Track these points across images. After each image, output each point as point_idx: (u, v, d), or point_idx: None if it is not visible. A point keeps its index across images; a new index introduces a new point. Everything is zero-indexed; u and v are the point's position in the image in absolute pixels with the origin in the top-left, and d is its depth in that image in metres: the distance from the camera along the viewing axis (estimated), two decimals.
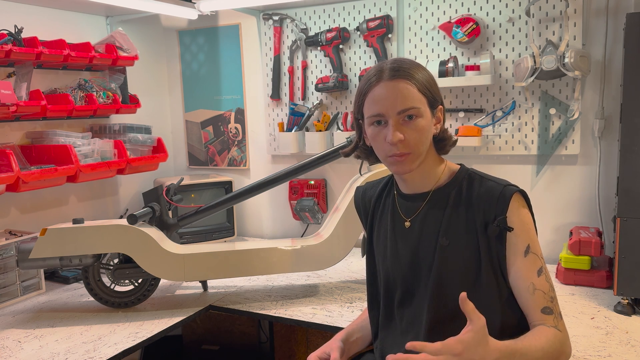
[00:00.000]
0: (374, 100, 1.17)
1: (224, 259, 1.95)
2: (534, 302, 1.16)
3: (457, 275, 1.18)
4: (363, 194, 1.43)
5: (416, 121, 1.16)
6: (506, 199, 1.16)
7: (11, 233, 2.14)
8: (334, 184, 2.68)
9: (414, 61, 1.21)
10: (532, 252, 1.17)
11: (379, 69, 1.19)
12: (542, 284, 1.16)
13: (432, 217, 1.23)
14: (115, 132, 2.49)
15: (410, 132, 1.16)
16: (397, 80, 1.15)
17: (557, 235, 2.24)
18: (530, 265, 1.16)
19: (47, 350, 1.63)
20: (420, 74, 1.18)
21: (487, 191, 1.19)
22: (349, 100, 2.54)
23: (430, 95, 1.18)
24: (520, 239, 1.16)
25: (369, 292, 1.38)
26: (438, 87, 1.22)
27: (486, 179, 1.22)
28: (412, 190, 1.27)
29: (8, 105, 1.92)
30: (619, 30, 2.02)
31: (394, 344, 1.28)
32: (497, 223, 1.16)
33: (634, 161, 1.65)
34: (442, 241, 1.20)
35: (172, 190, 2.03)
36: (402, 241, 1.27)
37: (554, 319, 1.16)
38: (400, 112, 1.15)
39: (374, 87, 1.17)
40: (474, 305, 1.01)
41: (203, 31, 2.86)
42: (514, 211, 1.16)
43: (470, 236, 1.18)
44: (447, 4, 2.29)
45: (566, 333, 1.17)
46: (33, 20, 2.30)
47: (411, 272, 1.25)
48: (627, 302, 1.71)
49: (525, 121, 2.22)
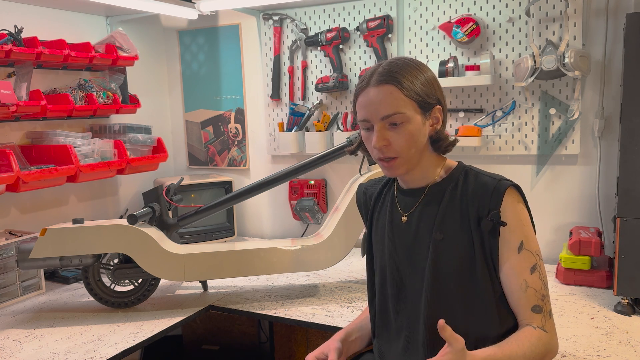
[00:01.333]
0: (361, 105, 1.20)
1: (224, 259, 1.95)
2: (526, 300, 1.16)
3: (452, 269, 1.19)
4: (365, 191, 1.44)
5: (402, 126, 1.16)
6: (500, 193, 1.16)
7: (11, 233, 2.14)
8: (334, 184, 2.68)
9: (410, 62, 1.20)
10: (526, 248, 1.16)
11: (371, 71, 1.20)
12: (535, 281, 1.16)
13: (427, 212, 1.24)
14: (115, 132, 2.49)
15: (396, 137, 1.17)
16: (382, 86, 1.16)
17: (557, 235, 2.24)
18: (524, 262, 1.16)
19: (47, 350, 1.63)
20: (412, 77, 1.16)
21: (481, 185, 1.19)
22: (348, 100, 2.54)
23: (421, 98, 1.17)
24: (514, 235, 1.16)
25: (369, 288, 1.38)
26: (436, 87, 1.21)
27: (481, 174, 1.23)
28: (409, 185, 1.29)
29: (8, 105, 1.92)
30: (619, 30, 2.02)
31: (391, 341, 1.29)
32: (491, 217, 1.16)
33: (634, 161, 1.65)
34: (437, 235, 1.20)
35: (172, 190, 2.03)
36: (399, 236, 1.28)
37: (542, 318, 1.16)
38: (384, 117, 1.16)
39: (362, 92, 1.19)
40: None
41: (203, 31, 2.86)
42: (508, 206, 1.16)
43: (465, 231, 1.19)
44: (447, 4, 2.29)
45: (552, 332, 1.17)
46: (33, 20, 2.30)
47: (407, 267, 1.26)
48: (627, 302, 1.71)
49: (525, 121, 2.22)
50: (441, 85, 1.25)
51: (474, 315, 1.18)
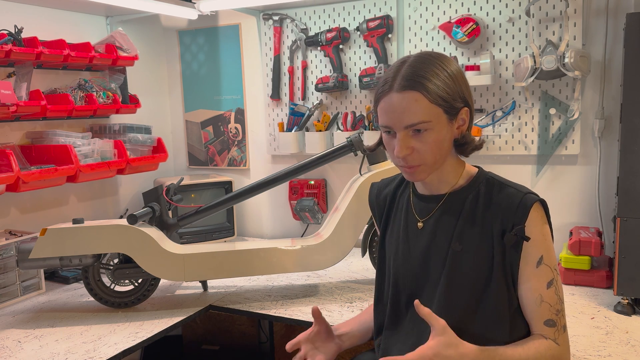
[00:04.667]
0: (383, 110, 1.13)
1: (224, 259, 1.95)
2: (539, 314, 1.15)
3: (467, 281, 1.17)
4: (378, 192, 1.41)
5: (426, 134, 1.11)
6: (526, 208, 1.13)
7: (11, 233, 2.14)
8: (334, 184, 2.68)
9: (436, 60, 1.13)
10: (545, 263, 1.15)
11: (393, 72, 1.13)
12: (551, 296, 1.15)
13: (446, 220, 1.21)
14: (115, 132, 2.49)
15: (420, 145, 1.12)
16: (406, 92, 1.10)
17: (557, 235, 2.20)
18: (541, 276, 1.14)
19: (47, 350, 1.63)
20: (438, 80, 1.10)
21: (506, 198, 1.16)
22: (349, 101, 2.54)
23: (446, 103, 1.11)
24: (535, 249, 1.14)
25: (377, 289, 1.36)
26: (464, 85, 1.15)
27: (505, 185, 1.19)
28: (428, 191, 1.25)
29: (8, 105, 1.92)
30: (619, 30, 2.02)
31: (398, 342, 1.28)
32: (515, 232, 1.13)
33: (634, 161, 1.65)
34: (455, 246, 1.18)
35: (172, 190, 2.03)
36: (414, 242, 1.26)
37: (555, 332, 1.15)
38: (408, 126, 1.11)
39: (385, 97, 1.13)
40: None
41: (203, 31, 2.86)
42: (533, 221, 1.14)
43: (485, 243, 1.16)
44: (447, 4, 2.29)
45: (564, 347, 1.15)
46: (33, 20, 2.30)
47: (421, 274, 1.24)
48: (627, 302, 1.71)
49: (525, 121, 2.22)
50: None
51: (486, 326, 1.16)
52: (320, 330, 1.33)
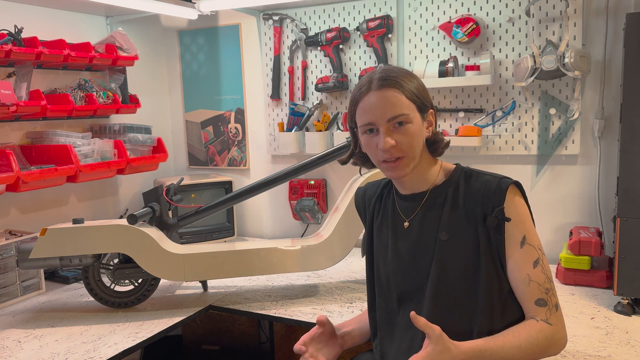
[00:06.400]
0: (364, 109, 1.22)
1: (224, 259, 1.95)
2: (529, 294, 1.18)
3: (457, 269, 1.20)
4: (363, 194, 1.46)
5: (406, 127, 1.19)
6: (502, 191, 1.19)
7: (11, 233, 2.14)
8: (334, 184, 2.68)
9: (403, 69, 1.25)
10: (528, 243, 1.19)
11: (368, 79, 1.23)
12: (538, 275, 1.18)
13: (430, 215, 1.25)
14: (115, 132, 2.49)
15: (401, 137, 1.19)
16: (385, 89, 1.19)
17: (557, 235, 2.24)
18: (526, 256, 1.18)
19: (47, 350, 1.63)
20: (409, 81, 1.21)
21: (483, 184, 1.22)
22: (348, 100, 2.54)
23: (419, 101, 1.21)
24: (517, 230, 1.19)
25: (369, 293, 1.39)
26: (427, 92, 1.26)
27: (482, 174, 1.25)
28: (409, 191, 1.30)
29: (8, 105, 1.92)
30: (619, 30, 2.02)
31: (394, 341, 1.29)
32: (495, 214, 1.18)
33: (634, 161, 1.65)
34: (442, 236, 1.22)
35: (172, 190, 2.03)
36: (402, 241, 1.29)
37: (547, 311, 1.17)
38: (390, 119, 1.19)
39: (364, 97, 1.22)
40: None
41: (203, 31, 2.86)
42: (510, 202, 1.19)
43: (470, 230, 1.21)
44: (447, 4, 2.29)
45: (558, 326, 1.17)
46: (33, 20, 2.30)
47: (412, 270, 1.27)
48: (627, 302, 1.71)
49: (525, 121, 2.22)
50: (441, 85, 1.27)
51: (478, 312, 1.19)
52: (325, 331, 1.33)
